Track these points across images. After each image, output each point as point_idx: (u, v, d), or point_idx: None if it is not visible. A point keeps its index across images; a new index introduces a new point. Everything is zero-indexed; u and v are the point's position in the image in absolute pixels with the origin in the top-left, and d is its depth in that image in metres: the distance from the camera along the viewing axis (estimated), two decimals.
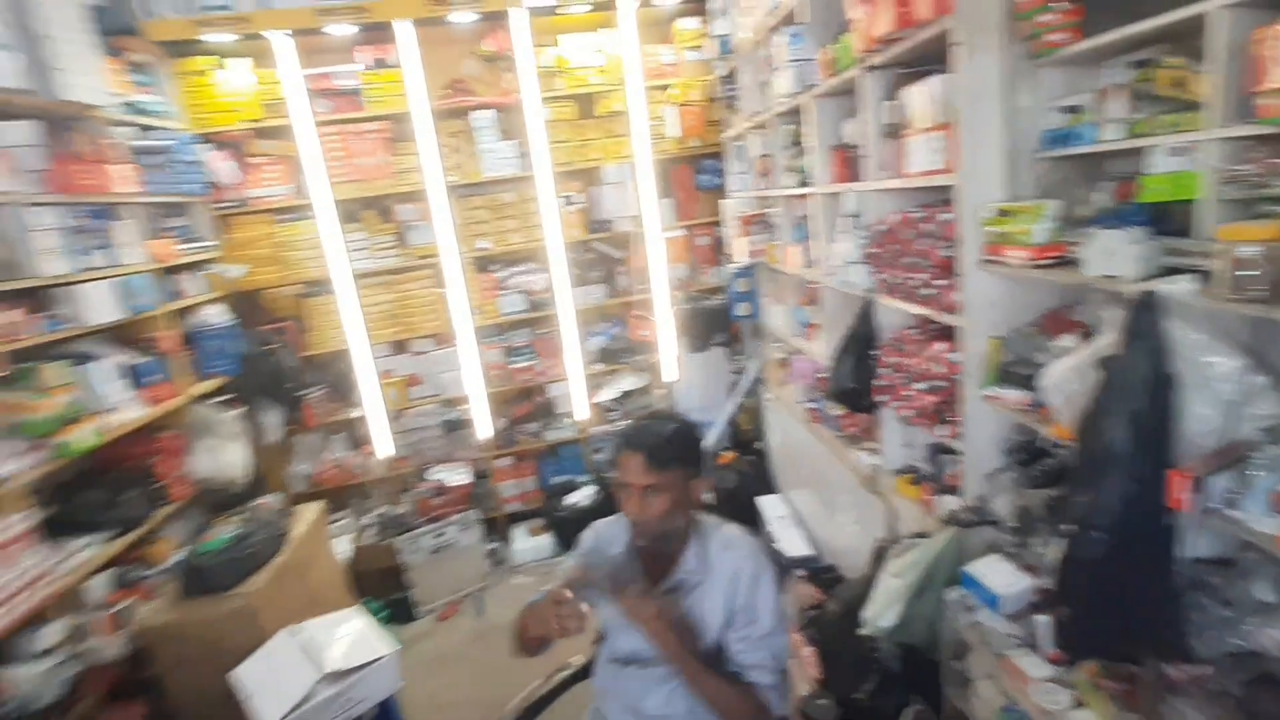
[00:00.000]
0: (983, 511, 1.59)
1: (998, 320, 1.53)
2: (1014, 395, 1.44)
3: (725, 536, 1.40)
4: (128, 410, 2.50)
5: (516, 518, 3.76)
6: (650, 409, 1.07)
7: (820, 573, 2.56)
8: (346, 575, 3.10)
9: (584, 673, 1.64)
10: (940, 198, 1.64)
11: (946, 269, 1.58)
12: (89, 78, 2.48)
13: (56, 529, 2.19)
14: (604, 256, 3.76)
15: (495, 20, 3.29)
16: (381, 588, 3.25)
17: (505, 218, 3.55)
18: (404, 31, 3.14)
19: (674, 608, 1.33)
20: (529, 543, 3.59)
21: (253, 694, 1.87)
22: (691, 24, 3.52)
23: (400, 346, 3.62)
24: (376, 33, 3.21)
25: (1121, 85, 1.23)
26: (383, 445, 3.56)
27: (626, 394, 3.79)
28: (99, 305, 2.42)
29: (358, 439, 3.68)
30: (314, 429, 3.59)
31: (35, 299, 2.26)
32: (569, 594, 1.30)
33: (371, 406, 3.51)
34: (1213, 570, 1.05)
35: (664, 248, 3.61)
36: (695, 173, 3.71)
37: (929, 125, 1.59)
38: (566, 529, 3.57)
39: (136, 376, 2.60)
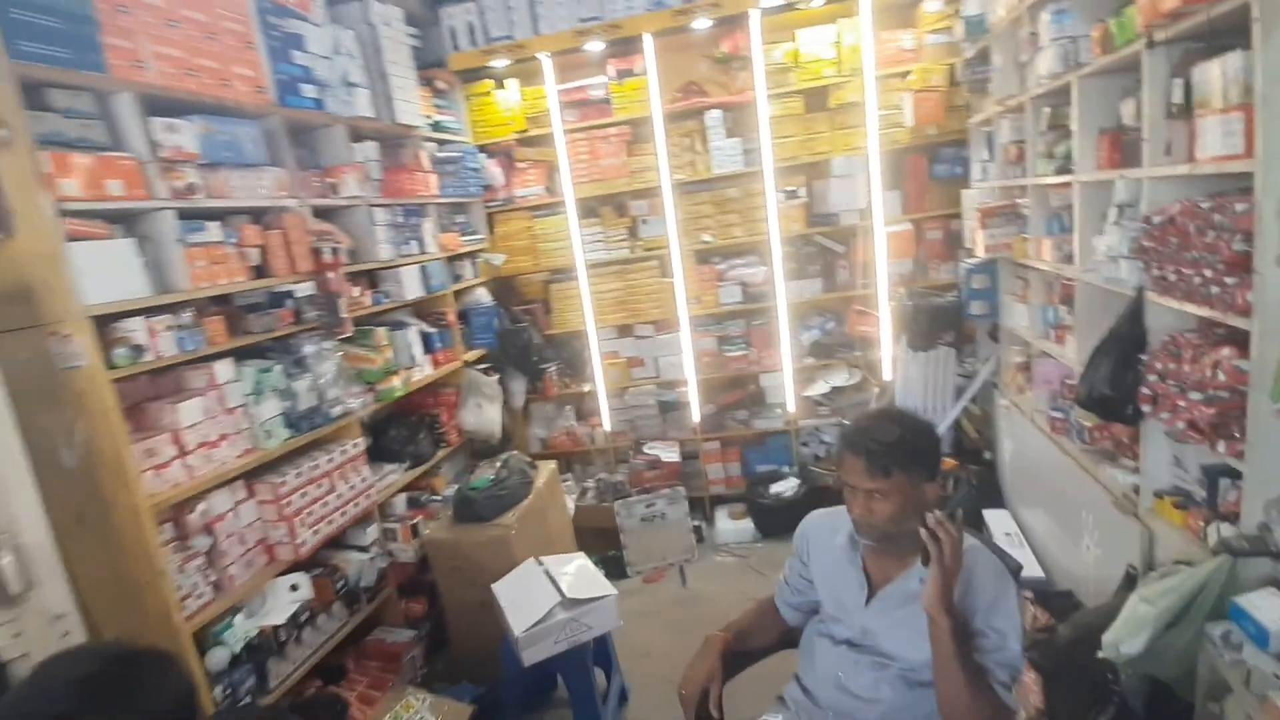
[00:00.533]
0: (1262, 541, 1.37)
1: None
2: None
3: (965, 545, 1.30)
4: (423, 369, 3.12)
5: (720, 500, 3.93)
6: (876, 407, 1.06)
7: (1052, 596, 2.35)
8: (571, 528, 3.53)
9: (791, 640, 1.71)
10: (1233, 186, 1.44)
11: (1239, 266, 1.38)
12: (412, 104, 3.13)
13: (372, 455, 2.84)
14: (824, 250, 3.76)
15: (734, 23, 3.45)
16: (596, 544, 3.63)
17: (728, 212, 3.72)
18: (648, 43, 3.44)
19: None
20: (730, 525, 3.74)
21: (507, 605, 2.26)
22: (936, 5, 3.35)
23: (626, 330, 3.98)
24: (625, 45, 3.55)
25: None
26: (606, 418, 3.96)
27: (838, 389, 3.76)
28: (409, 284, 3.05)
29: (585, 411, 4.14)
30: (551, 399, 4.11)
31: (370, 278, 2.93)
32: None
33: (599, 383, 3.92)
34: None
35: (886, 242, 3.51)
36: (931, 162, 3.54)
37: (1224, 106, 1.40)
38: (767, 517, 3.66)
39: (429, 342, 3.24)
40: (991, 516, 2.83)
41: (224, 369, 2.08)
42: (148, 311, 1.87)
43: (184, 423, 1.94)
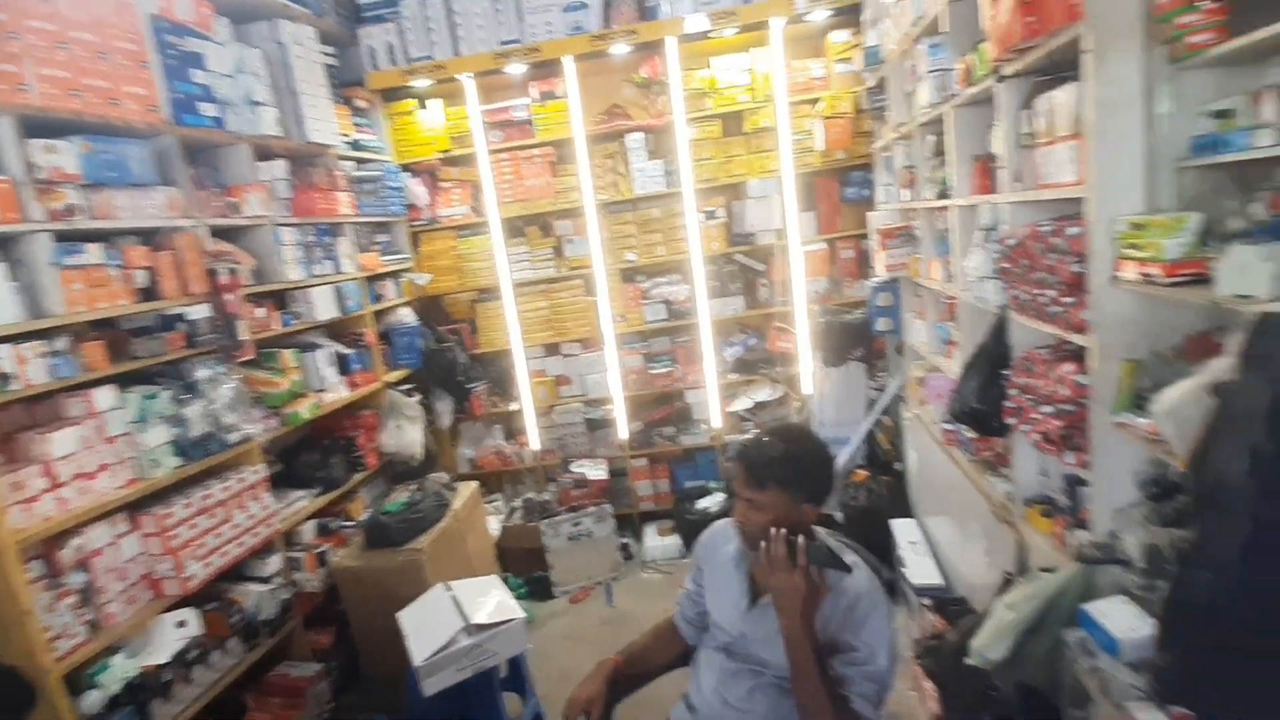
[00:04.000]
0: (1110, 549, 1.46)
1: (1133, 342, 1.41)
2: (1148, 423, 1.32)
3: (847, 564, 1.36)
4: (337, 391, 3.05)
5: (649, 516, 3.95)
6: (784, 423, 1.08)
7: (947, 604, 2.44)
8: (495, 550, 3.49)
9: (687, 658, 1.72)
10: (1075, 210, 1.55)
11: (1076, 286, 1.48)
12: (326, 123, 3.09)
13: (279, 481, 2.76)
14: (744, 269, 3.85)
15: (651, 49, 3.54)
16: (524, 565, 3.61)
17: (651, 232, 3.78)
18: (569, 66, 3.49)
19: (820, 592, 1.31)
20: (658, 541, 3.76)
21: (410, 633, 2.21)
22: (843, 36, 3.51)
23: (553, 349, 3.99)
24: (546, 68, 3.59)
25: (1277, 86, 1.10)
26: (534, 437, 3.94)
27: (761, 404, 3.84)
28: (322, 305, 2.99)
29: (513, 430, 4.11)
30: (479, 418, 4.07)
31: (278, 299, 2.86)
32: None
33: (526, 402, 3.91)
34: None
35: (803, 261, 3.62)
36: (841, 185, 3.68)
37: (1063, 135, 1.51)
38: (694, 532, 3.66)
39: (345, 364, 3.17)
40: (899, 526, 2.91)
41: (104, 396, 2.00)
42: (17, 338, 1.79)
43: (56, 453, 1.86)
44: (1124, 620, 1.36)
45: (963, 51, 2.03)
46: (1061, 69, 1.59)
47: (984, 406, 1.86)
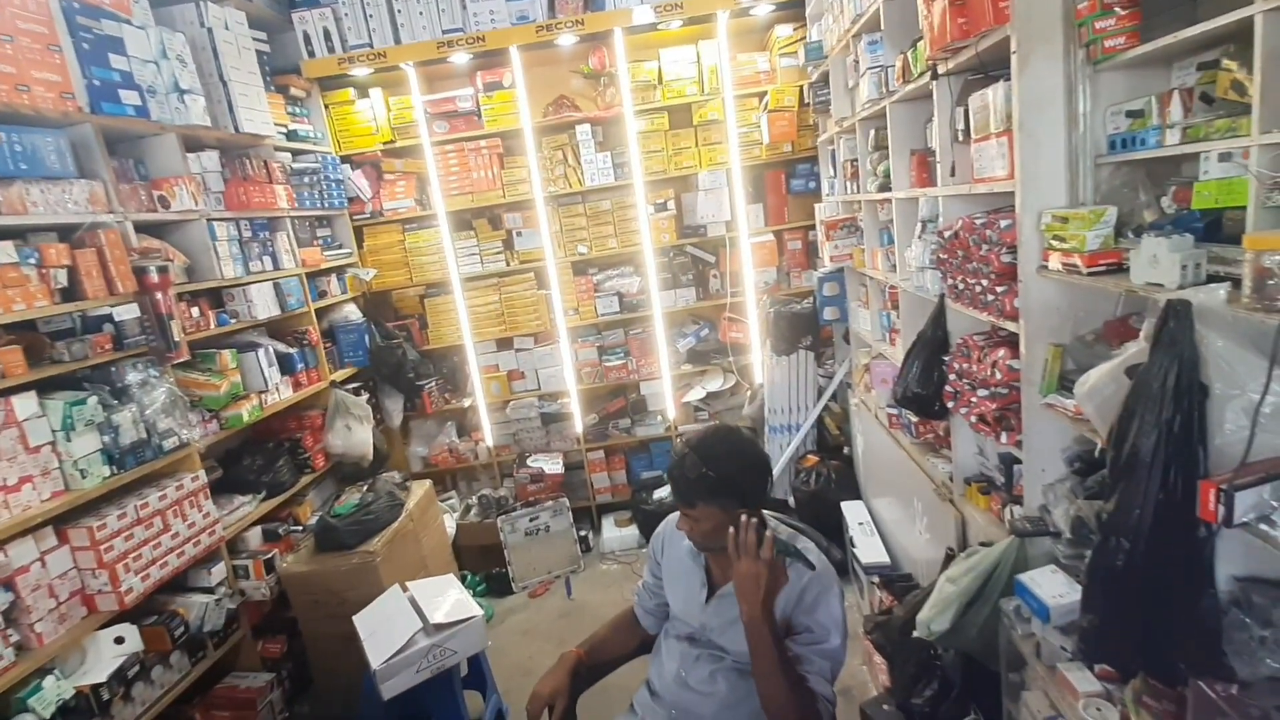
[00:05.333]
0: (1041, 521, 1.56)
1: (1059, 327, 1.50)
2: (1073, 404, 1.41)
3: (799, 546, 1.40)
4: (280, 392, 2.95)
5: (606, 508, 3.97)
6: (707, 432, 1.08)
7: (895, 580, 2.54)
8: (452, 548, 3.45)
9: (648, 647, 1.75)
10: (1007, 204, 1.63)
11: (1007, 275, 1.56)
12: (259, 113, 2.96)
13: (222, 487, 2.66)
14: (695, 260, 3.89)
15: (598, 40, 3.52)
16: (482, 562, 3.58)
17: (602, 224, 3.78)
18: (515, 57, 3.44)
19: (780, 580, 1.35)
20: (616, 533, 3.78)
21: (366, 636, 2.17)
22: (786, 30, 3.56)
23: (505, 343, 3.94)
24: (492, 58, 3.53)
25: (1186, 88, 1.19)
26: (488, 433, 3.90)
27: (714, 394, 3.90)
28: (261, 303, 2.88)
29: (467, 426, 4.06)
30: (431, 415, 4.00)
31: (213, 297, 2.74)
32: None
33: (479, 397, 3.86)
34: (1256, 589, 1.01)
35: (752, 252, 3.69)
36: (788, 177, 3.75)
37: (994, 132, 1.59)
38: (652, 522, 3.72)
39: (288, 364, 3.06)
40: (848, 507, 3.02)
41: (24, 404, 1.89)
42: None
43: None
44: (1054, 588, 1.45)
45: (901, 49, 2.10)
46: (990, 68, 1.67)
47: (925, 391, 1.95)
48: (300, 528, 2.92)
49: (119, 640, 2.03)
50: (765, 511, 1.47)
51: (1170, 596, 1.02)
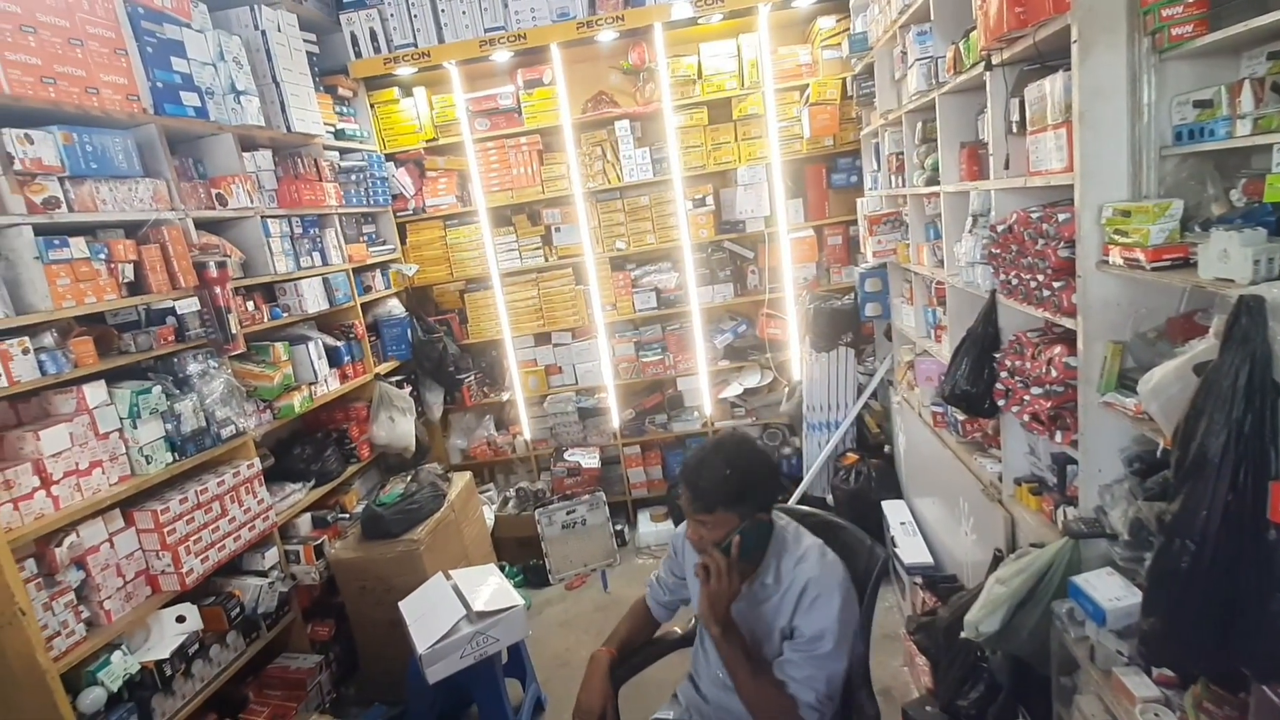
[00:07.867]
0: (1098, 523, 1.52)
1: (1119, 324, 1.45)
2: (1134, 402, 1.37)
3: (800, 551, 1.41)
4: (328, 384, 3.04)
5: (642, 503, 3.99)
6: (724, 438, 1.07)
7: (939, 581, 2.50)
8: (490, 539, 3.51)
9: (687, 640, 1.77)
10: (1064, 197, 1.59)
11: (1065, 271, 1.52)
12: (310, 112, 3.05)
13: (274, 475, 2.75)
14: (733, 256, 3.87)
15: (638, 35, 3.52)
16: (519, 554, 3.63)
17: (640, 220, 3.78)
18: (555, 53, 3.46)
19: (734, 587, 1.35)
20: (652, 528, 3.80)
21: (412, 622, 2.23)
22: (829, 23, 3.51)
23: (543, 338, 3.98)
24: (533, 55, 3.57)
25: (1257, 78, 1.14)
26: (526, 427, 3.95)
27: (751, 390, 3.88)
28: (311, 297, 2.97)
29: (505, 420, 4.12)
30: (470, 409, 4.07)
31: (266, 291, 2.84)
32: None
33: (517, 391, 3.91)
34: None
35: (792, 247, 3.65)
36: (829, 171, 3.70)
37: (1052, 123, 1.55)
38: None
39: (335, 356, 3.15)
40: (889, 507, 2.98)
41: (95, 392, 1.98)
42: (1, 334, 1.76)
43: (47, 451, 1.84)
44: (1110, 590, 1.42)
45: (951, 39, 2.05)
46: (1048, 58, 1.62)
47: (974, 389, 1.91)
48: (347, 515, 3.01)
49: (180, 619, 2.13)
50: (798, 507, 1.47)
51: (1237, 600, 0.99)
